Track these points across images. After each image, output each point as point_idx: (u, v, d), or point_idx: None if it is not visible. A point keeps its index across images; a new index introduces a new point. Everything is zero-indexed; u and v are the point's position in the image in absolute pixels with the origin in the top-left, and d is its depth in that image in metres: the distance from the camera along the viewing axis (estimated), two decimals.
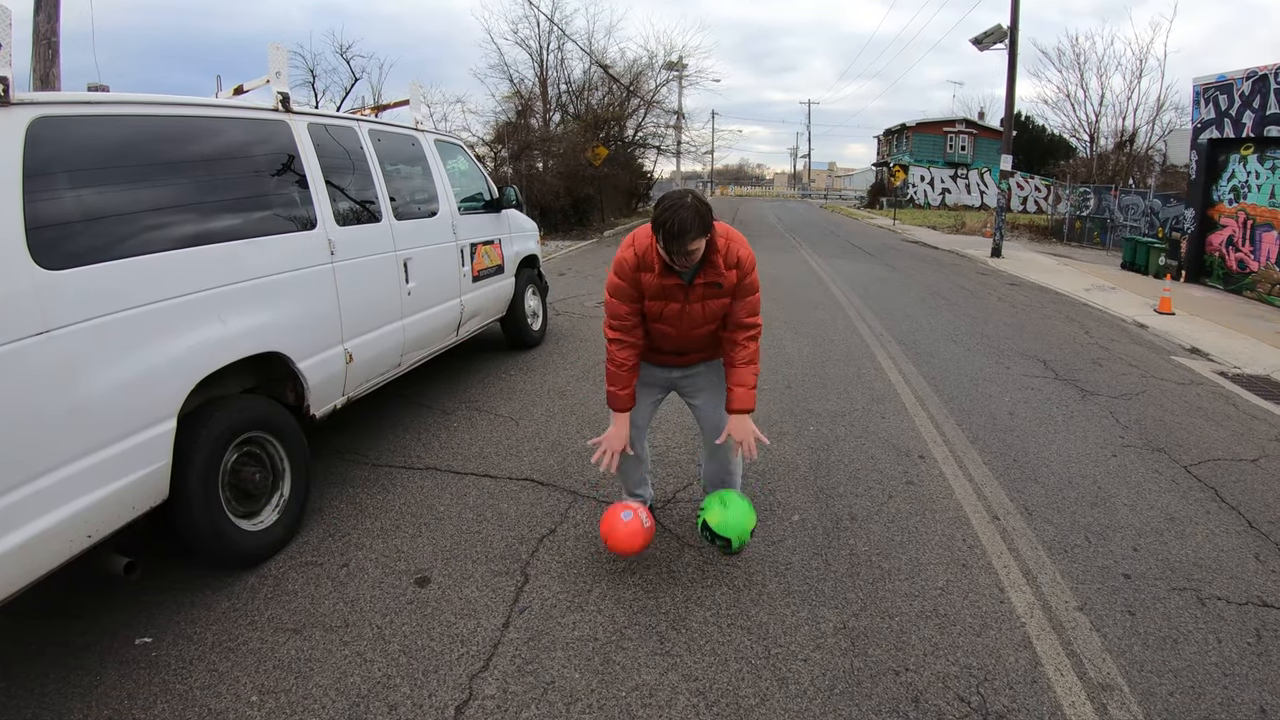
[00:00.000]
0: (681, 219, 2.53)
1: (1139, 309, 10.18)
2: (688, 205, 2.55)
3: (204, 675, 2.44)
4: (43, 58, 6.71)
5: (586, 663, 2.55)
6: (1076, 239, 21.53)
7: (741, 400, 2.91)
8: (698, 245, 2.61)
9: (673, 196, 2.62)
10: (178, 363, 2.81)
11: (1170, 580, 3.10)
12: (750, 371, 2.94)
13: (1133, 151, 26.53)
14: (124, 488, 2.56)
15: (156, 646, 2.58)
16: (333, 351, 3.81)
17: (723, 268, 2.79)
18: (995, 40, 16.34)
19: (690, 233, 2.54)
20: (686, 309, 2.87)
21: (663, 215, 2.56)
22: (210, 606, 2.83)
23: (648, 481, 3.46)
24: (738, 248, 2.83)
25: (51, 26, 6.73)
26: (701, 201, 2.61)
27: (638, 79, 27.89)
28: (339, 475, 4.11)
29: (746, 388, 2.92)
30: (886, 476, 4.09)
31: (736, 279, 2.85)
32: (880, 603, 2.88)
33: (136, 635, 2.64)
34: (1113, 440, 4.78)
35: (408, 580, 3.04)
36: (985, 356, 6.99)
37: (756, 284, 2.91)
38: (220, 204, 3.22)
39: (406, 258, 4.52)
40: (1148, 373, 6.69)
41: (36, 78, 6.72)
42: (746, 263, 2.85)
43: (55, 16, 6.76)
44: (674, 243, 2.57)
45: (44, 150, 2.43)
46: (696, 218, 2.53)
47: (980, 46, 16.66)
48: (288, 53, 3.82)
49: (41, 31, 6.71)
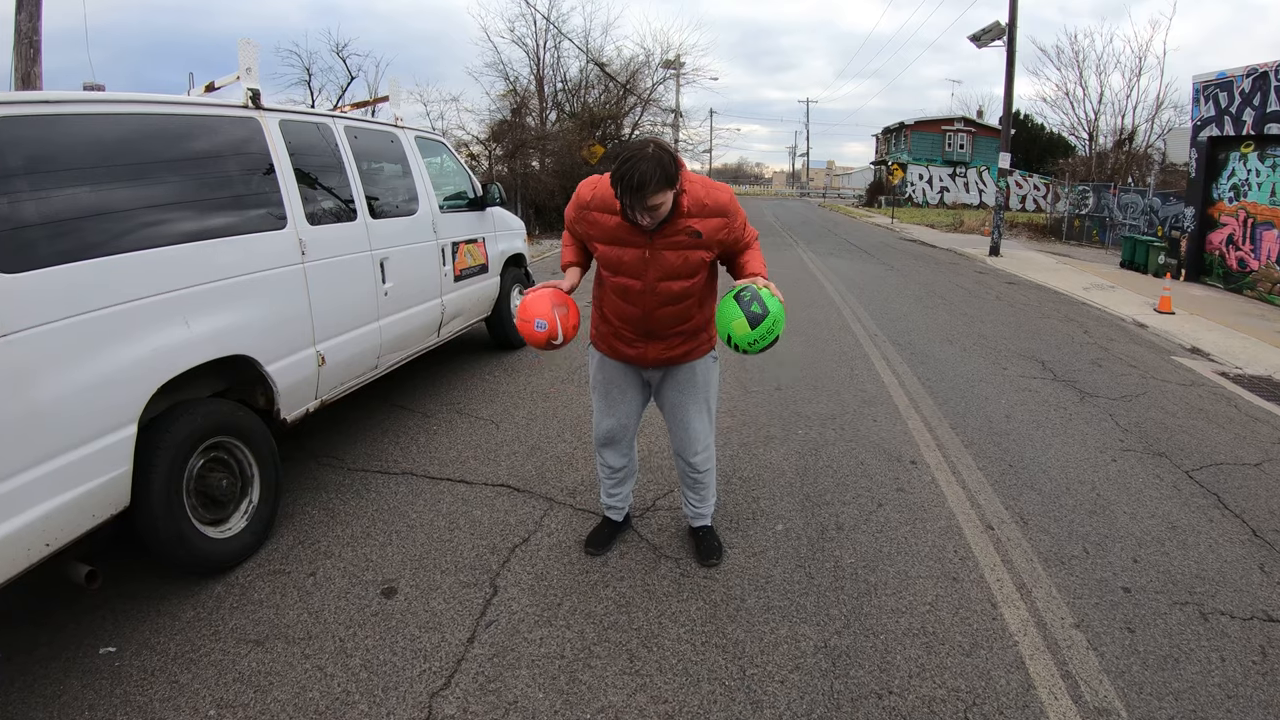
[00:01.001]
0: (642, 171, 2.30)
1: (1139, 308, 10.05)
2: (648, 156, 2.32)
3: (164, 687, 2.38)
4: (24, 57, 6.58)
5: (551, 682, 2.43)
6: (1075, 237, 21.40)
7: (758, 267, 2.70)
8: (661, 199, 2.39)
9: (632, 146, 2.39)
10: (138, 368, 2.74)
11: (1171, 594, 2.95)
12: (760, 266, 2.72)
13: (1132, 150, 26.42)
14: (82, 495, 2.50)
15: (120, 656, 2.54)
16: (304, 354, 3.69)
17: (689, 214, 2.54)
18: (993, 37, 16.20)
19: (649, 185, 2.31)
20: (651, 255, 2.59)
21: (620, 168, 2.34)
22: (175, 615, 2.77)
23: (629, 482, 3.26)
24: (717, 193, 2.60)
25: (33, 25, 6.60)
26: (665, 150, 2.36)
27: (634, 77, 27.76)
28: (314, 480, 4.00)
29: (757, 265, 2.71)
30: (876, 483, 3.95)
31: (723, 227, 2.62)
32: (865, 619, 2.74)
33: (102, 644, 2.60)
34: (1112, 444, 4.64)
35: (374, 591, 2.94)
36: (982, 357, 6.85)
37: (744, 217, 2.72)
38: (185, 204, 3.13)
39: (383, 257, 4.39)
40: (1148, 373, 6.55)
41: (18, 77, 6.59)
42: (730, 206, 2.62)
43: (37, 15, 6.63)
44: (633, 197, 2.35)
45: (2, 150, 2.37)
46: (658, 168, 2.31)
47: (978, 43, 16.53)
48: (258, 48, 3.69)
49: (23, 30, 6.58)
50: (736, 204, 2.67)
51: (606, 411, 3.03)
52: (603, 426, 3.06)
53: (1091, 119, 28.57)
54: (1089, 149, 28.79)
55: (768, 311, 2.48)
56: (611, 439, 3.07)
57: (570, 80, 26.19)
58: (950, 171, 43.88)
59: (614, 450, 3.11)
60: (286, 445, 4.33)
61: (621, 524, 3.36)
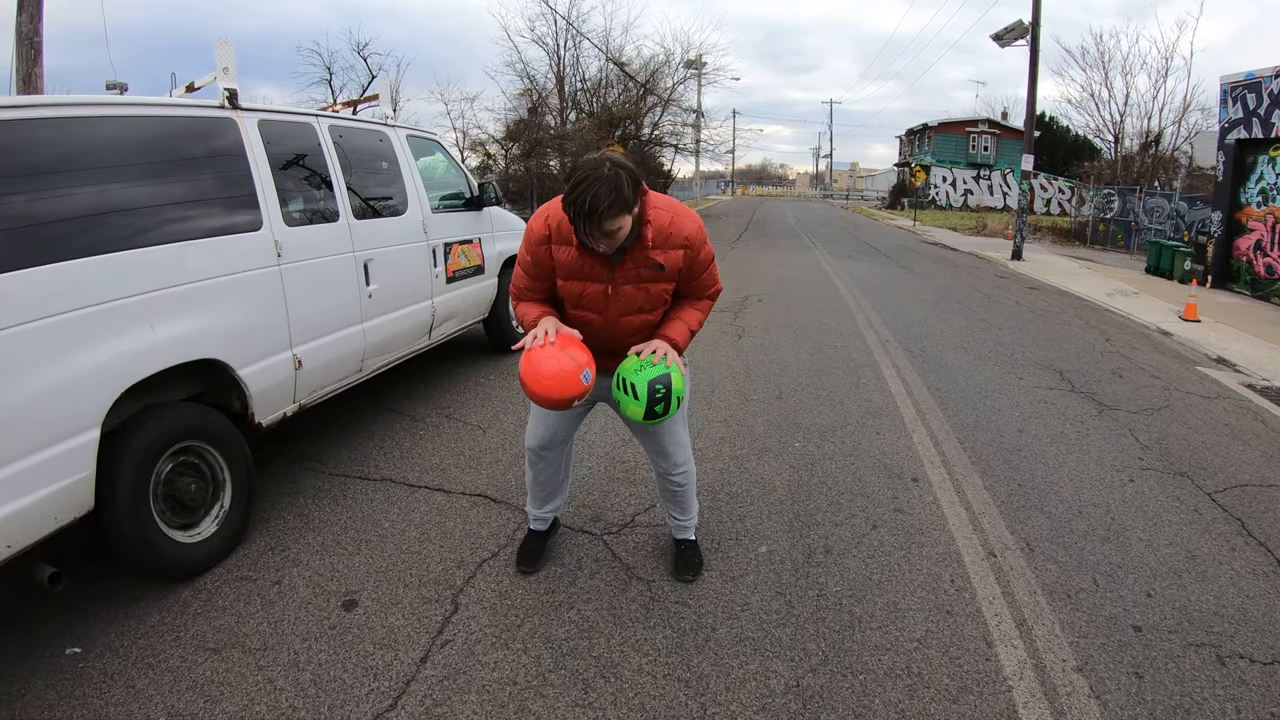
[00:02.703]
0: (595, 194, 2.08)
1: (1163, 315, 9.69)
2: (603, 176, 2.09)
3: (121, 691, 2.38)
4: (25, 58, 6.59)
5: (499, 710, 2.29)
6: (1100, 242, 20.93)
7: (675, 331, 2.50)
8: (619, 224, 2.18)
9: (586, 166, 2.15)
10: (99, 372, 2.72)
11: (1187, 634, 2.71)
12: (696, 317, 2.56)
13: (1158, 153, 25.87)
14: (43, 499, 2.49)
15: (85, 658, 2.55)
16: (279, 357, 3.60)
17: (652, 245, 2.35)
18: (1016, 36, 15.83)
19: (603, 210, 2.10)
20: (613, 292, 2.43)
21: (573, 191, 2.12)
22: (141, 619, 2.76)
23: (561, 494, 3.09)
24: (683, 222, 2.39)
25: (34, 26, 6.61)
26: (622, 168, 2.15)
27: (654, 77, 27.61)
28: (293, 485, 3.91)
29: (686, 325, 2.53)
30: (873, 502, 3.74)
31: (685, 261, 2.44)
32: (844, 656, 2.53)
33: (69, 645, 2.61)
34: (1130, 462, 4.39)
35: (335, 602, 2.85)
36: (997, 366, 6.59)
37: (710, 256, 2.52)
38: (154, 206, 3.08)
39: (367, 259, 4.27)
40: (1171, 385, 6.25)
41: (19, 78, 6.59)
42: (696, 238, 2.42)
43: (38, 16, 6.63)
44: (586, 223, 2.14)
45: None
46: (612, 191, 2.09)
47: (1001, 43, 16.17)
48: (234, 47, 3.58)
49: (24, 32, 6.59)
50: (704, 236, 2.48)
51: (544, 420, 2.82)
52: (536, 435, 2.86)
53: (1117, 121, 28.05)
54: (1114, 152, 28.26)
55: (667, 412, 2.42)
56: (545, 449, 2.87)
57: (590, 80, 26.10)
58: (974, 174, 43.20)
59: (546, 463, 2.92)
60: (269, 448, 4.24)
61: (548, 531, 3.17)
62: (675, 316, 2.56)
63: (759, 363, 6.49)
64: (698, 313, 2.60)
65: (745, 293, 10.46)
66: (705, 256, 2.50)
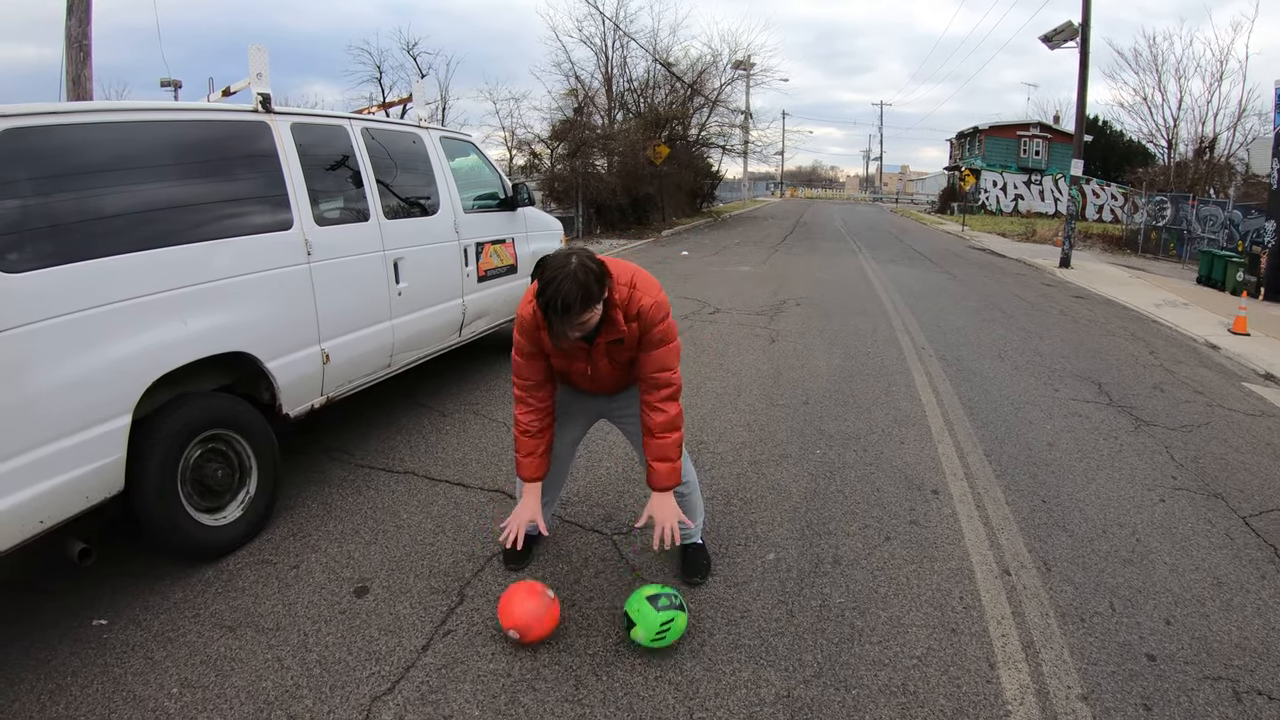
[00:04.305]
0: (565, 293, 2.19)
1: (1211, 328, 9.30)
2: (570, 274, 2.21)
3: (140, 662, 2.51)
4: (74, 60, 6.89)
5: (491, 700, 2.34)
6: (1152, 250, 20.17)
7: (663, 477, 2.60)
8: (589, 317, 2.30)
9: (553, 265, 2.25)
10: (132, 362, 2.86)
11: (1204, 666, 2.60)
12: (671, 442, 2.61)
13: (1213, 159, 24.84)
14: (75, 479, 2.63)
15: (110, 629, 2.69)
16: (307, 352, 3.72)
17: (622, 322, 2.46)
18: (1066, 38, 15.34)
19: (575, 308, 2.22)
20: (594, 367, 2.61)
21: (542, 292, 2.24)
22: (166, 595, 2.90)
23: (550, 507, 3.14)
24: (640, 296, 2.48)
25: (83, 30, 6.91)
26: (588, 262, 2.26)
27: (701, 77, 27.49)
28: (320, 474, 4.04)
29: (669, 462, 2.60)
30: (889, 513, 3.69)
31: (638, 332, 2.52)
32: (840, 669, 2.51)
33: (95, 616, 2.76)
34: (1163, 481, 4.24)
35: (348, 588, 2.96)
36: (1033, 376, 6.42)
37: (668, 335, 2.56)
38: (187, 207, 3.22)
39: (397, 258, 4.37)
40: (1214, 401, 6.01)
41: (68, 79, 6.90)
42: (649, 314, 2.48)
43: (87, 20, 6.93)
44: (561, 322, 2.25)
45: (8, 160, 2.52)
46: (579, 288, 2.20)
47: (1050, 44, 15.69)
48: (267, 53, 3.71)
49: (73, 35, 6.89)
50: (660, 314, 2.52)
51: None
52: None
53: (1170, 126, 27.01)
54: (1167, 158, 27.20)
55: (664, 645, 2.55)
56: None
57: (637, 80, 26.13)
58: (1025, 178, 41.97)
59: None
60: (300, 438, 4.39)
61: (535, 536, 3.20)
62: (655, 457, 2.61)
63: (789, 367, 6.44)
64: (672, 435, 2.62)
65: (783, 296, 10.38)
66: (660, 333, 2.53)
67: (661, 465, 2.60)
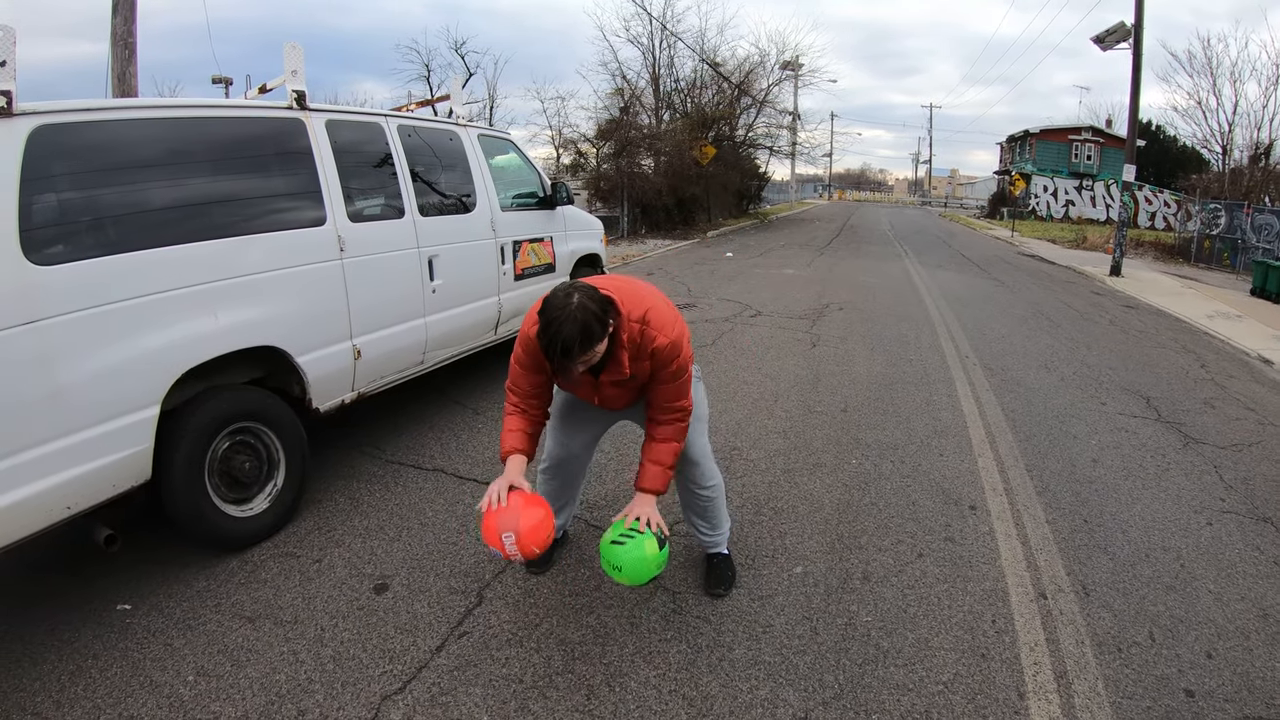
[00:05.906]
0: (566, 336, 2.14)
1: (1265, 341, 8.86)
2: (570, 315, 2.14)
3: (159, 649, 2.55)
4: (119, 57, 7.08)
5: (500, 706, 2.32)
6: (1205, 260, 19.37)
7: (652, 479, 2.51)
8: (592, 355, 2.24)
9: (554, 304, 2.19)
10: (161, 355, 2.91)
11: (1243, 704, 2.44)
12: (668, 450, 2.53)
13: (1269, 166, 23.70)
14: (102, 467, 2.68)
15: (133, 614, 2.74)
16: (338, 347, 3.76)
17: (627, 362, 2.38)
18: (1118, 39, 14.77)
19: (575, 351, 2.16)
20: (600, 395, 2.57)
21: (542, 333, 2.19)
22: (189, 584, 2.95)
23: (570, 509, 3.13)
24: (654, 334, 2.38)
25: (128, 28, 7.09)
26: (590, 301, 2.19)
27: (749, 78, 27.24)
28: (350, 469, 4.08)
29: (661, 466, 2.52)
30: (923, 528, 3.57)
31: (649, 370, 2.45)
32: (861, 692, 2.41)
33: (119, 601, 2.81)
34: (1211, 503, 4.03)
35: (368, 585, 2.97)
36: (1080, 389, 6.19)
37: (681, 371, 2.47)
38: (220, 202, 3.27)
39: (432, 255, 4.39)
40: (1266, 419, 5.70)
41: (114, 76, 7.10)
42: (663, 354, 2.40)
43: (132, 19, 7.11)
44: (563, 363, 2.20)
45: (43, 156, 2.57)
46: (579, 330, 2.14)
47: (1103, 46, 15.13)
48: (302, 50, 3.75)
49: (118, 33, 7.08)
50: (676, 351, 2.43)
51: (559, 438, 2.89)
52: (551, 453, 2.93)
53: (1225, 131, 25.87)
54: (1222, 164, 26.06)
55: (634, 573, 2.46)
56: (558, 466, 2.93)
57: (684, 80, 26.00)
58: (1076, 184, 40.70)
59: (558, 480, 2.96)
60: (333, 433, 4.44)
61: (560, 538, 3.20)
62: (650, 458, 2.54)
63: (829, 373, 6.32)
64: (673, 444, 2.55)
65: (826, 300, 10.21)
66: (673, 371, 2.46)
67: (654, 468, 2.52)
